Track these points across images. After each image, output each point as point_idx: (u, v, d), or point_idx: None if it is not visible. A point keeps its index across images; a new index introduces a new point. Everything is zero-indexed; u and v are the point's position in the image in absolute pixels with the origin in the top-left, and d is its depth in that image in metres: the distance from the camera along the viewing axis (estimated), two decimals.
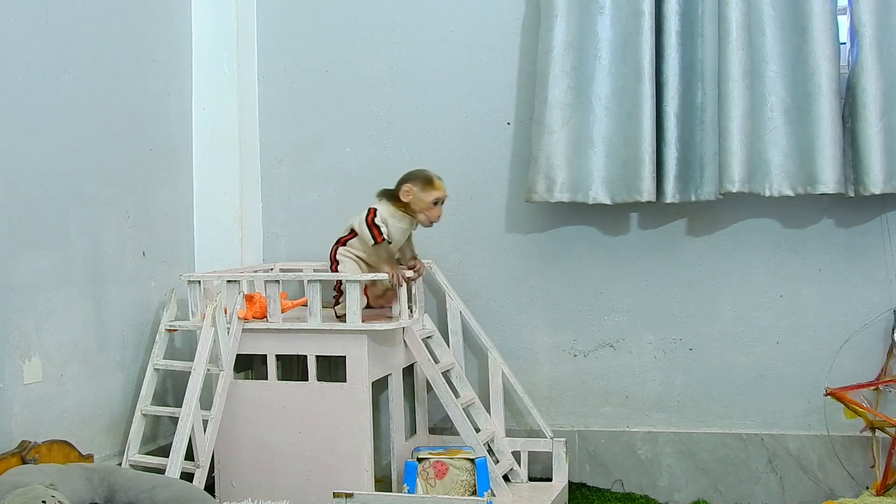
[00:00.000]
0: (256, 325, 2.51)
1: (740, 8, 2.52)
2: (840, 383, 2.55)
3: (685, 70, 2.60)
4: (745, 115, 2.53)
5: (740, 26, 2.52)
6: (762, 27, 2.54)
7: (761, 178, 2.55)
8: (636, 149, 2.59)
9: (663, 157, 2.61)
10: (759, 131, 2.55)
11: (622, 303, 2.82)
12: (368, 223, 2.51)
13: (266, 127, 3.10)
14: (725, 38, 2.52)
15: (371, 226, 2.51)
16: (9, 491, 1.78)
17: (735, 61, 2.52)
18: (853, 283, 2.66)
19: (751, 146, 2.54)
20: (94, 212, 2.47)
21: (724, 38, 2.52)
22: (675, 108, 2.59)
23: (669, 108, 2.59)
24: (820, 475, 2.67)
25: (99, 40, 2.50)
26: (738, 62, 2.52)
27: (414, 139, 2.97)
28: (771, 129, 2.54)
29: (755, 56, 2.55)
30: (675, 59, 2.59)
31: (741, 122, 2.53)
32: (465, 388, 2.75)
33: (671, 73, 2.59)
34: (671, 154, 2.60)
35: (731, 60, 2.52)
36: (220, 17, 3.04)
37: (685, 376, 2.79)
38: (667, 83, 2.59)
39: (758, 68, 2.54)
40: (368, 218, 2.52)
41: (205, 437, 2.38)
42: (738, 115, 2.52)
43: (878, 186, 2.48)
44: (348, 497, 2.28)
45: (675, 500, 2.78)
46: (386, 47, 2.99)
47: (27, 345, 2.21)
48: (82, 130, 2.43)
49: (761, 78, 2.54)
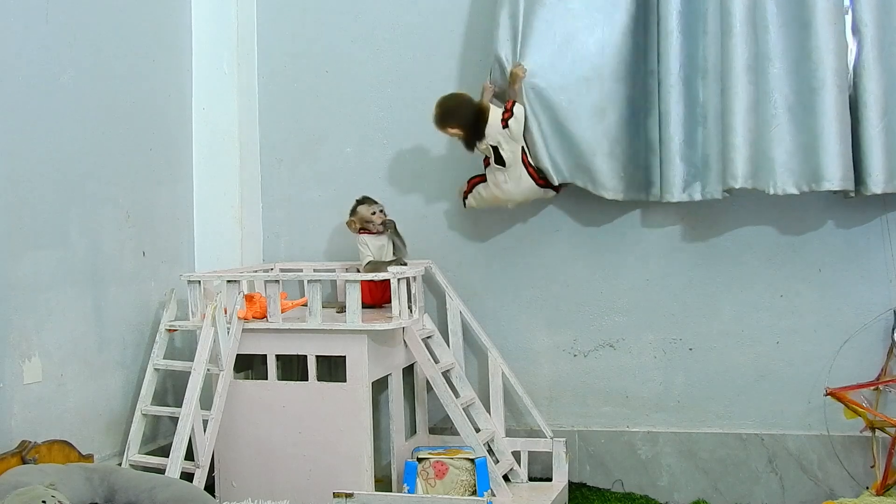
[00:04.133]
0: (256, 325, 2.51)
1: (744, 3, 2.51)
2: (840, 383, 2.55)
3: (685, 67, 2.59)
4: (749, 112, 2.52)
5: (744, 21, 2.51)
6: (766, 23, 2.52)
7: (765, 176, 2.53)
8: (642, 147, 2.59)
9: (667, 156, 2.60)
10: (762, 128, 2.53)
11: (622, 303, 2.82)
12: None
13: (266, 127, 3.10)
14: (728, 33, 2.51)
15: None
16: (9, 491, 1.78)
17: (738, 56, 2.50)
18: (853, 284, 2.65)
19: (754, 143, 2.53)
20: (94, 212, 2.47)
21: (727, 33, 2.51)
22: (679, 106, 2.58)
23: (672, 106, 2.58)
24: (820, 475, 2.66)
25: (99, 40, 2.50)
26: (742, 57, 2.51)
27: (414, 139, 2.97)
28: (775, 125, 2.53)
29: (759, 52, 2.53)
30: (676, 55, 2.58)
31: (744, 119, 2.52)
32: (465, 388, 2.75)
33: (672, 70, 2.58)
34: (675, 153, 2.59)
35: (734, 56, 2.51)
36: (220, 17, 3.04)
37: (685, 376, 2.79)
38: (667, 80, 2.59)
39: (761, 64, 2.53)
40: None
41: (205, 437, 2.38)
42: (741, 111, 2.51)
43: (879, 186, 2.47)
44: (348, 497, 2.28)
45: (675, 500, 2.78)
46: (386, 47, 2.99)
47: (27, 345, 2.21)
48: (82, 130, 2.43)
49: (765, 74, 2.52)
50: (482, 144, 2.61)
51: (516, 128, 2.56)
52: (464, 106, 2.61)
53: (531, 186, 2.63)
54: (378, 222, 2.77)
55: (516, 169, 2.60)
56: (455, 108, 2.61)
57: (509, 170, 2.60)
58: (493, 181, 2.65)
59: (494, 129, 2.57)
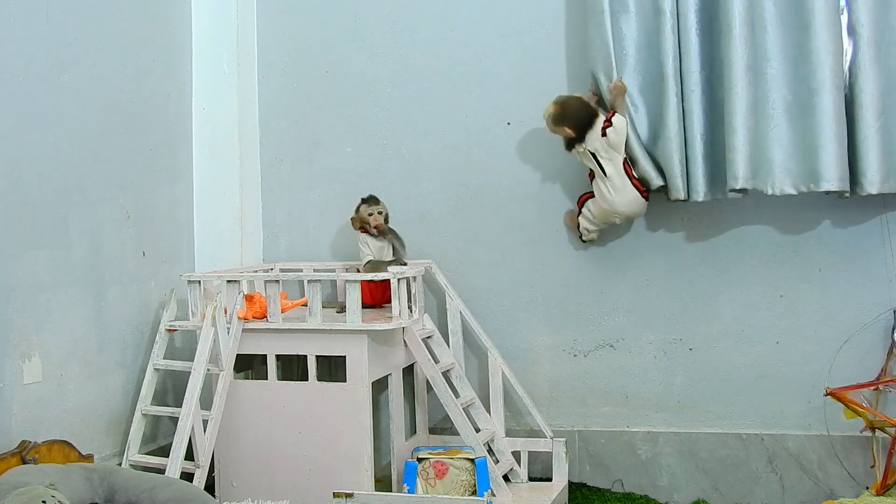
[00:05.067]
0: (256, 325, 2.51)
1: (742, 3, 2.51)
2: (840, 383, 2.55)
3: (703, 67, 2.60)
4: (748, 112, 2.53)
5: (742, 21, 2.51)
6: (763, 23, 2.53)
7: (764, 176, 2.54)
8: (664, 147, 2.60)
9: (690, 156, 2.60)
10: (761, 128, 2.54)
11: (622, 303, 2.82)
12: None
13: (266, 127, 3.10)
14: (728, 33, 2.51)
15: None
16: (9, 491, 1.78)
17: (738, 56, 2.51)
18: (853, 283, 2.65)
19: (754, 143, 2.53)
20: (94, 212, 2.47)
21: (727, 33, 2.51)
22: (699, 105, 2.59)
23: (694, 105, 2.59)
24: (820, 475, 2.66)
25: (99, 40, 2.50)
26: (742, 57, 2.51)
27: (414, 139, 2.97)
28: (773, 126, 2.53)
29: (757, 53, 2.54)
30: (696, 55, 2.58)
31: (745, 119, 2.52)
32: (465, 388, 2.75)
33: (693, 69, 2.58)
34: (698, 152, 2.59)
35: (734, 55, 2.51)
36: (220, 17, 3.04)
37: (685, 376, 2.78)
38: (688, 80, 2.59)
39: (760, 65, 2.53)
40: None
41: (205, 437, 2.38)
42: (741, 111, 2.51)
43: (874, 186, 2.47)
44: (348, 497, 2.28)
45: (675, 500, 2.78)
46: (386, 47, 2.99)
47: (27, 345, 2.21)
48: (82, 130, 2.43)
49: (763, 75, 2.53)
50: (580, 147, 2.62)
51: (615, 138, 2.57)
52: (582, 109, 2.61)
53: (636, 198, 2.61)
54: (373, 225, 2.78)
55: (619, 179, 2.60)
56: (575, 111, 2.61)
57: (611, 180, 2.60)
58: (598, 193, 2.65)
59: (594, 135, 2.59)
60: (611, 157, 2.59)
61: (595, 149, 2.60)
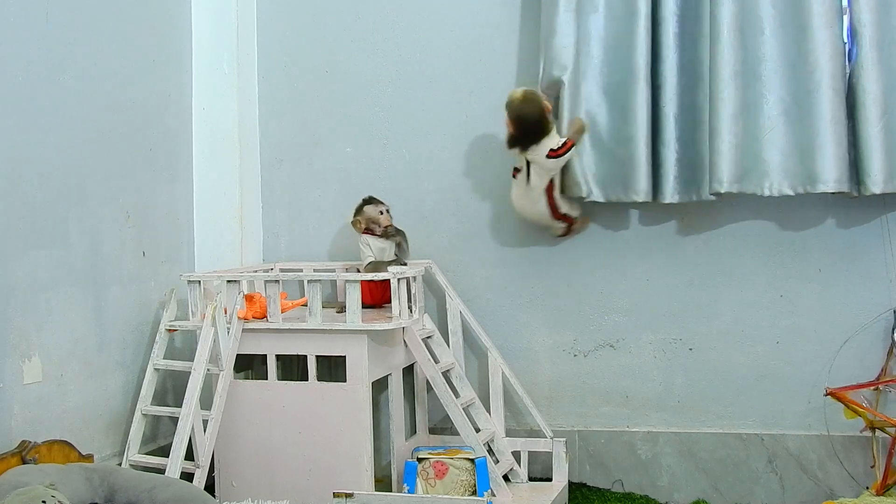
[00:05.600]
0: (256, 325, 2.51)
1: (731, 10, 2.51)
2: (840, 383, 2.55)
3: (684, 71, 2.60)
4: (737, 116, 2.53)
5: (731, 27, 2.52)
6: (761, 26, 2.53)
7: (758, 178, 2.54)
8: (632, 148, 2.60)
9: (661, 158, 2.61)
10: (755, 131, 2.54)
11: (622, 303, 2.82)
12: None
13: (266, 127, 3.10)
14: (716, 38, 2.52)
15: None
16: (9, 491, 1.78)
17: (725, 62, 2.52)
18: (853, 283, 2.65)
19: (744, 146, 2.54)
20: (94, 212, 2.47)
21: (715, 38, 2.53)
22: (674, 108, 2.60)
23: (668, 108, 2.60)
24: (820, 475, 2.66)
25: (99, 40, 2.50)
26: (729, 63, 2.52)
27: (414, 139, 2.97)
28: (770, 128, 2.53)
29: (752, 56, 2.54)
30: (672, 59, 2.59)
31: (731, 123, 2.53)
32: (465, 388, 2.75)
33: (669, 73, 2.59)
34: (670, 154, 2.61)
35: (720, 61, 2.52)
36: (220, 17, 3.04)
37: (685, 376, 2.79)
38: (665, 84, 2.60)
39: (755, 68, 2.54)
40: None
41: (205, 437, 2.38)
42: (727, 116, 2.52)
43: (878, 186, 2.47)
44: (348, 497, 2.28)
45: (675, 500, 2.78)
46: (386, 47, 2.99)
47: (27, 345, 2.21)
48: (82, 130, 2.43)
49: (759, 77, 2.53)
50: (518, 153, 2.65)
51: (555, 168, 2.62)
52: (538, 124, 2.60)
53: (545, 214, 2.68)
54: (384, 223, 2.77)
55: (538, 193, 2.65)
56: (531, 124, 2.60)
57: (533, 190, 2.65)
58: (516, 191, 2.71)
59: (539, 153, 2.60)
60: (541, 175, 2.63)
61: (532, 160, 2.62)
